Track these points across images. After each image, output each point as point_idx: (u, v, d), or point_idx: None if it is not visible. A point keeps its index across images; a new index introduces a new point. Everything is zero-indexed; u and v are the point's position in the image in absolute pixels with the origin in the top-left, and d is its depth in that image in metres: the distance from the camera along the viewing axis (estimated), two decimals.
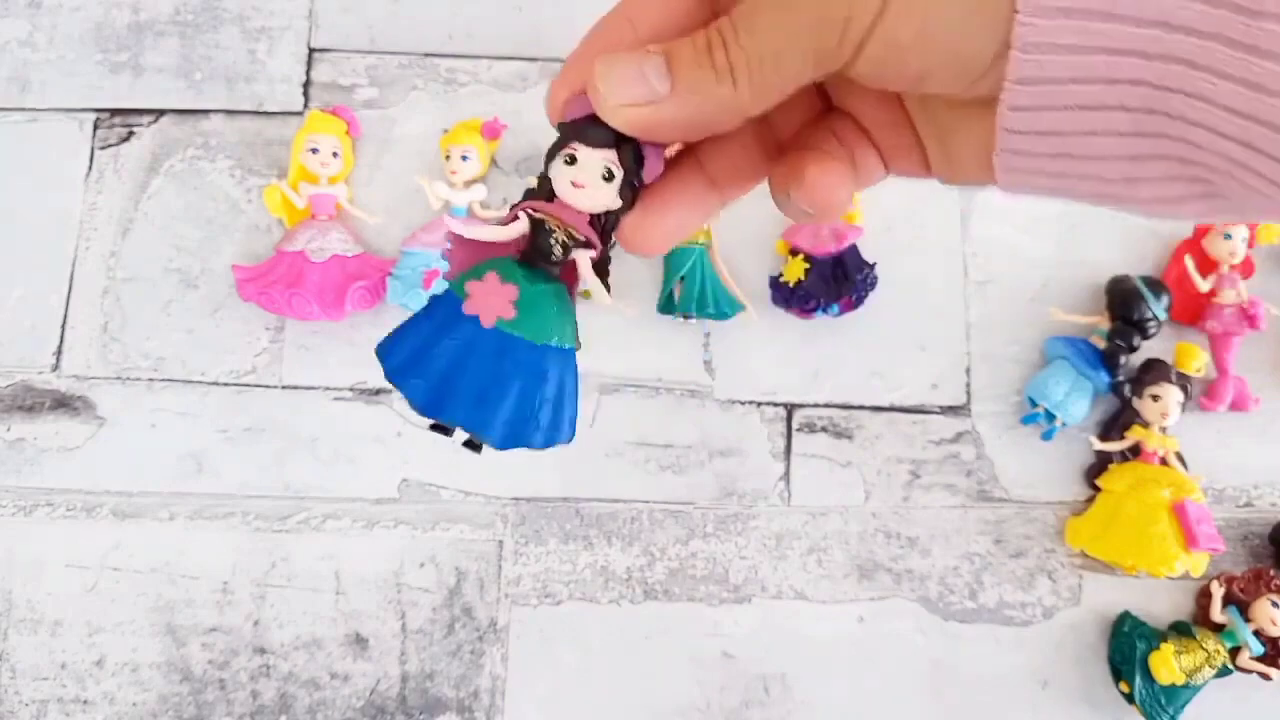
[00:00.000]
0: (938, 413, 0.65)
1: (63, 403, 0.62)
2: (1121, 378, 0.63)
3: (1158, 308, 0.63)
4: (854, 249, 0.63)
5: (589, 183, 0.23)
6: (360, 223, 0.65)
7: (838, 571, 0.62)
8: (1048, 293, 0.67)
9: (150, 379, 0.63)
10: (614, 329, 0.64)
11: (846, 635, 0.61)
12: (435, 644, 0.60)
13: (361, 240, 0.64)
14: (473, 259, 0.25)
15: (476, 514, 0.62)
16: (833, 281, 0.62)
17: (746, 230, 0.66)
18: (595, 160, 0.23)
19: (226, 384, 0.63)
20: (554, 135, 0.24)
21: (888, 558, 0.63)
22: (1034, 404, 0.63)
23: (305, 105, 0.67)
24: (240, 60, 0.67)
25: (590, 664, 0.60)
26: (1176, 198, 0.19)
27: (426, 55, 0.68)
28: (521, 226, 0.25)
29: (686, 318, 0.63)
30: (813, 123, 0.25)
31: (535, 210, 0.24)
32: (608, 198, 0.23)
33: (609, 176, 0.23)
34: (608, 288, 0.25)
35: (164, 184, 0.66)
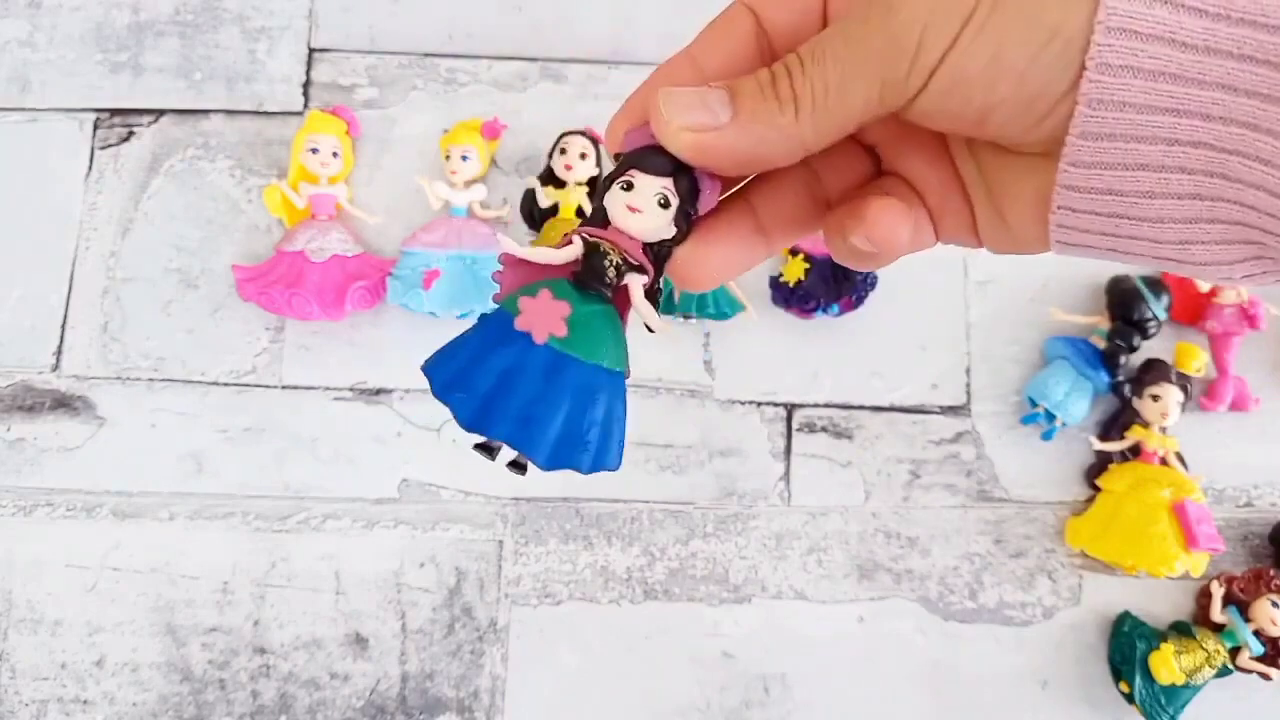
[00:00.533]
0: (938, 413, 0.65)
1: (63, 403, 0.62)
2: (1121, 378, 0.63)
3: (1158, 308, 0.63)
4: None
5: (644, 208, 0.23)
6: (360, 223, 0.65)
7: (838, 571, 0.62)
8: (1048, 293, 0.67)
9: (150, 379, 0.63)
10: None
11: (846, 635, 0.61)
12: (435, 644, 0.60)
13: (361, 240, 0.64)
14: (524, 281, 0.25)
15: (476, 514, 0.62)
16: (833, 281, 0.62)
17: None
18: (652, 186, 0.23)
19: (226, 384, 0.63)
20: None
21: (888, 558, 0.63)
22: (1034, 404, 0.63)
23: (305, 105, 0.67)
24: (240, 60, 0.67)
25: (590, 664, 0.60)
26: (1229, 261, 0.19)
27: (426, 55, 0.68)
28: (575, 250, 0.25)
29: (686, 318, 0.63)
30: (862, 184, 0.25)
31: (590, 234, 0.24)
32: (662, 224, 0.23)
33: (664, 204, 0.23)
34: (655, 309, 0.25)
35: (164, 184, 0.66)
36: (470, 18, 0.69)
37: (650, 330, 0.25)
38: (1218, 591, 0.60)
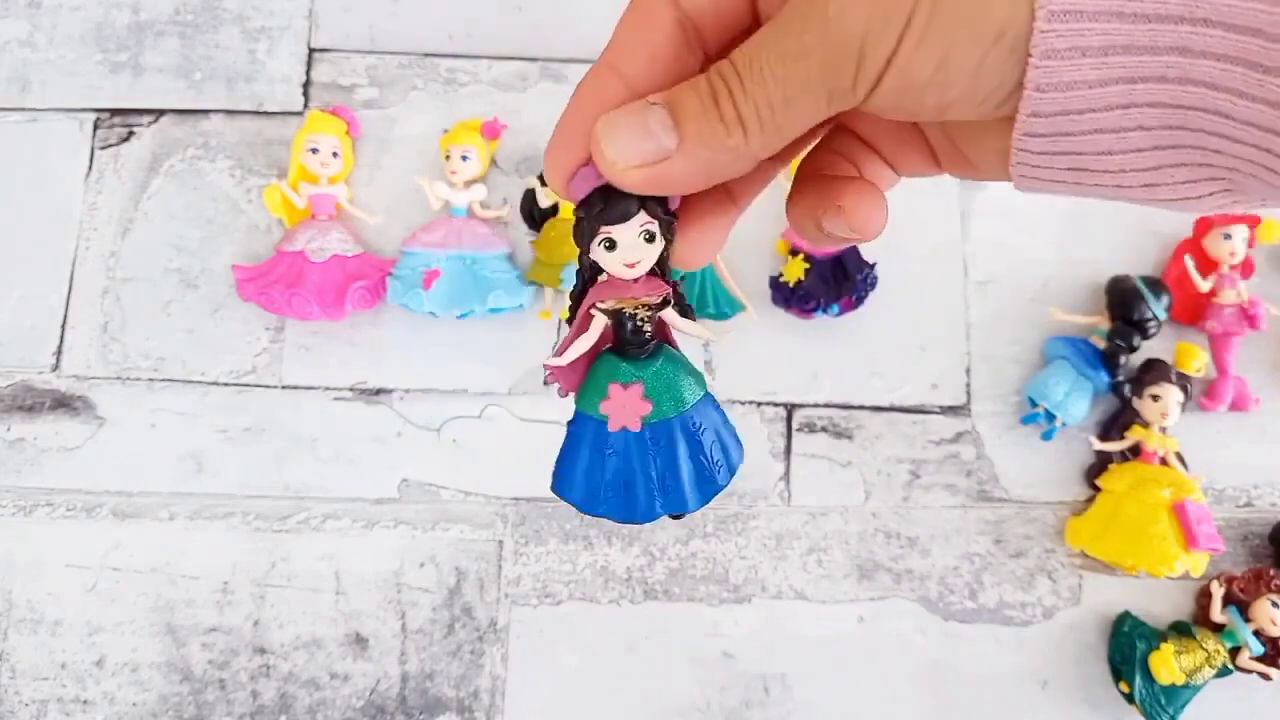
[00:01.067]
0: (938, 413, 0.65)
1: (63, 403, 0.62)
2: (1121, 378, 0.63)
3: (1158, 308, 0.63)
4: (854, 249, 0.63)
5: (637, 257, 0.24)
6: (360, 223, 0.65)
7: (838, 571, 0.62)
8: (1048, 293, 0.67)
9: (150, 379, 0.63)
10: None
11: (846, 635, 0.61)
12: (435, 644, 0.60)
13: (361, 240, 0.64)
14: (579, 372, 0.26)
15: (476, 514, 0.62)
16: (833, 281, 0.62)
17: (746, 230, 0.66)
18: (632, 233, 0.23)
19: (226, 384, 0.63)
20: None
21: (888, 558, 0.63)
22: (1034, 404, 0.63)
23: (305, 105, 0.67)
24: (240, 60, 0.67)
25: (590, 664, 0.60)
26: (1196, 196, 0.19)
27: (426, 55, 0.68)
28: (601, 324, 0.25)
29: None
30: (818, 138, 0.25)
31: (603, 306, 0.25)
32: (656, 254, 0.24)
33: (650, 238, 0.23)
34: (693, 319, 0.27)
35: (164, 184, 0.66)
36: (470, 18, 0.69)
37: (708, 341, 0.27)
38: (1218, 591, 0.60)
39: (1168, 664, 0.57)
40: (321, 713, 0.59)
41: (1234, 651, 0.59)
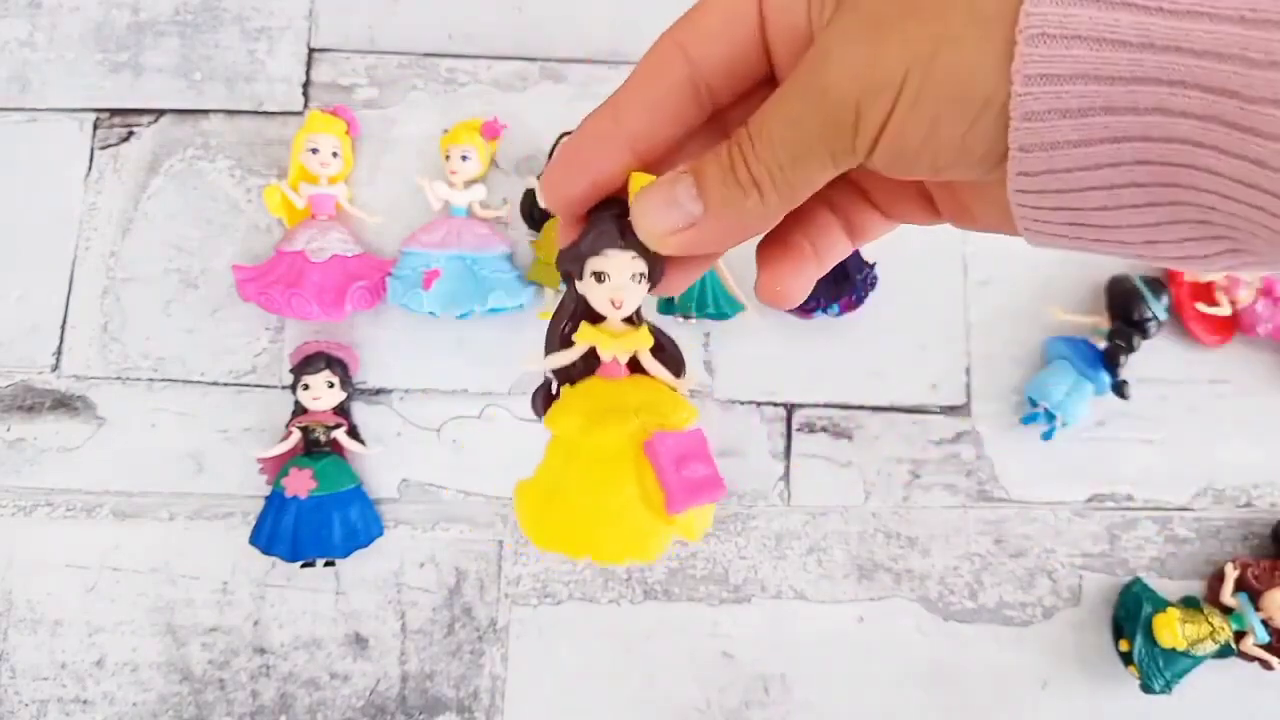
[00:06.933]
0: (938, 413, 0.65)
1: (63, 403, 0.62)
2: (1122, 378, 0.63)
3: (1158, 308, 0.63)
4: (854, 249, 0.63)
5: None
6: (360, 223, 0.65)
7: (838, 571, 0.62)
8: (1048, 293, 0.67)
9: (150, 379, 0.63)
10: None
11: (846, 635, 0.61)
12: (435, 644, 0.60)
13: (361, 240, 0.64)
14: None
15: (476, 514, 0.62)
16: (833, 281, 0.62)
17: None
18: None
19: (226, 384, 0.63)
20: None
21: (888, 558, 0.63)
22: (1034, 404, 0.63)
23: (305, 105, 0.67)
24: (240, 60, 0.67)
25: (590, 664, 0.60)
26: (1202, 255, 0.19)
27: (426, 55, 0.68)
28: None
29: (686, 318, 0.63)
30: None
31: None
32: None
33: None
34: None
35: (164, 184, 0.66)
36: (470, 18, 0.69)
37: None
38: (1230, 574, 0.60)
39: (1171, 627, 0.57)
40: (321, 713, 0.59)
41: (1239, 636, 0.58)
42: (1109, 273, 0.66)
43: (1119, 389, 0.63)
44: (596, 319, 0.26)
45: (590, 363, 0.27)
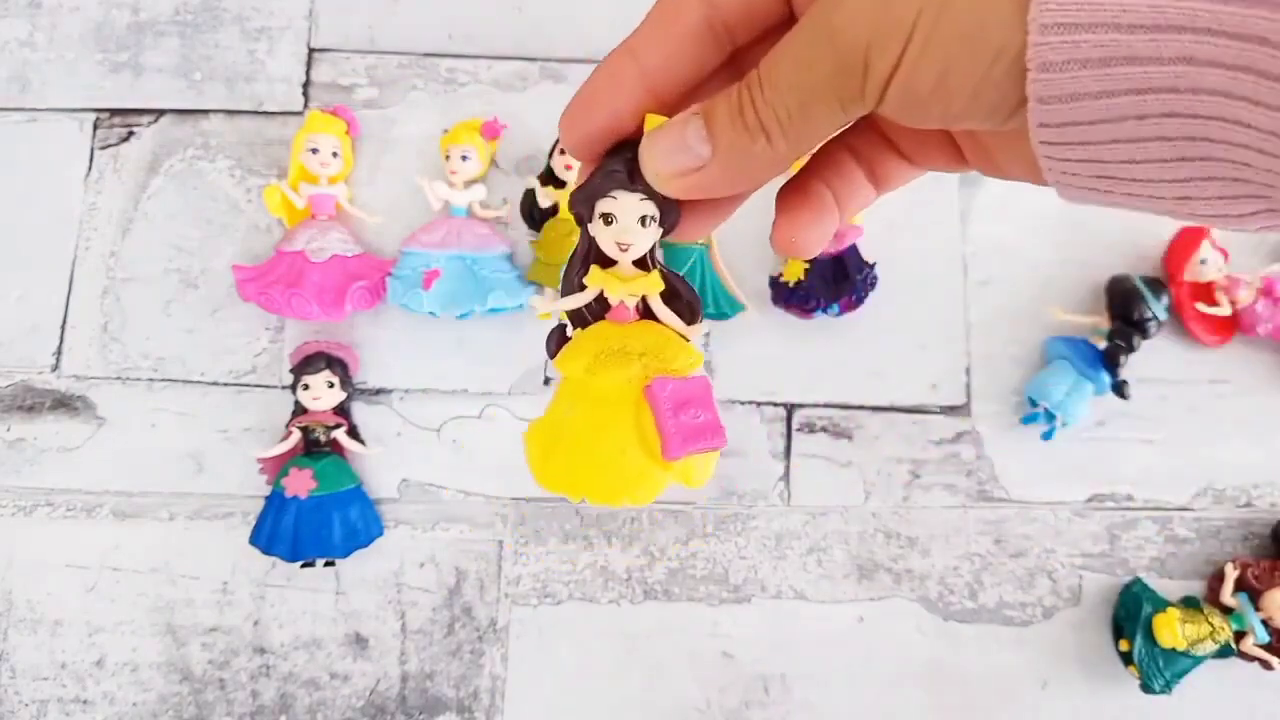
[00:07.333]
0: (938, 413, 0.65)
1: (63, 403, 0.62)
2: (1122, 378, 0.63)
3: (1158, 308, 0.63)
4: (854, 249, 0.63)
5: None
6: (360, 223, 0.65)
7: (837, 571, 0.62)
8: (1048, 293, 0.67)
9: (150, 379, 0.63)
10: None
11: (846, 635, 0.61)
12: (435, 644, 0.60)
13: (361, 240, 0.64)
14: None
15: (476, 514, 0.62)
16: (833, 281, 0.62)
17: (746, 230, 0.66)
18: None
19: (226, 384, 0.63)
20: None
21: (888, 558, 0.63)
22: (1034, 404, 0.63)
23: (305, 105, 0.67)
24: (240, 60, 0.67)
25: (590, 664, 0.60)
26: (1237, 214, 0.19)
27: (426, 55, 0.68)
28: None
29: None
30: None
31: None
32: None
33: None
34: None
35: (164, 184, 0.66)
36: (470, 18, 0.69)
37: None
38: (1231, 574, 0.59)
39: (1171, 627, 0.57)
40: (321, 713, 0.59)
41: (1239, 636, 0.59)
42: (1109, 273, 0.66)
43: (1119, 389, 0.63)
44: (608, 263, 0.26)
45: (603, 306, 0.27)
